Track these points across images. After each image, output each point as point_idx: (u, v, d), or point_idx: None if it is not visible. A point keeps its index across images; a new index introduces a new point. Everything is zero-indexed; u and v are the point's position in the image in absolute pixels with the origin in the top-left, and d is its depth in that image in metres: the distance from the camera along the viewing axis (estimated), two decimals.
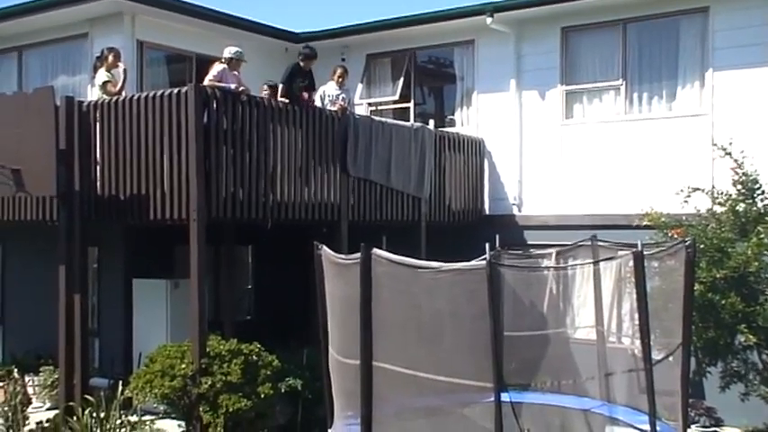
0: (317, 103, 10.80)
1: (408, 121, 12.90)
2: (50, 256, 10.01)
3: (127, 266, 11.39)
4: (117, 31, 11.90)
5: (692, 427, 10.45)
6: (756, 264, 8.75)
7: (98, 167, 9.41)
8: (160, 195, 8.80)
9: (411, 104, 13.89)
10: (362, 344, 7.28)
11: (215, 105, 8.84)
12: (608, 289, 9.33)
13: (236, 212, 8.98)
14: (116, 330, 11.39)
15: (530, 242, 11.95)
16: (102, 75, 10.34)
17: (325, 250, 8.28)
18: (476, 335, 7.04)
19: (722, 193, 9.39)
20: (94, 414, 8.67)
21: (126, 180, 9.11)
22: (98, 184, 9.38)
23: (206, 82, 9.34)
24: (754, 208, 9.19)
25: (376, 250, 7.29)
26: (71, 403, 9.09)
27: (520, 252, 10.05)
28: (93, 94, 10.90)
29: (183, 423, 8.64)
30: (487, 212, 12.90)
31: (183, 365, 8.27)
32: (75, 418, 8.70)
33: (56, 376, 10.48)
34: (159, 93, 9.05)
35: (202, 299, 8.53)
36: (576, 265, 9.08)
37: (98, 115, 9.45)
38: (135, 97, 9.26)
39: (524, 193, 12.72)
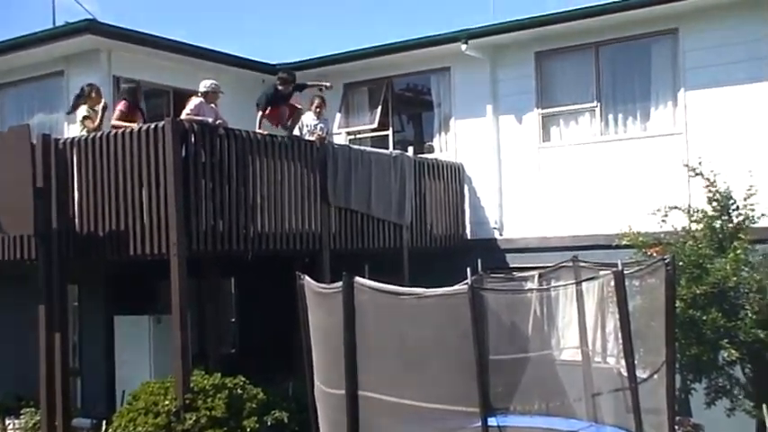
0: (296, 132, 10.84)
1: (387, 148, 12.96)
2: (29, 294, 9.91)
3: (108, 303, 11.30)
4: (93, 67, 11.90)
5: None
6: (735, 279, 8.81)
7: (76, 204, 9.36)
8: (140, 231, 8.76)
9: (389, 132, 13.97)
10: (347, 373, 7.24)
11: (193, 139, 8.84)
12: (591, 309, 9.35)
13: (216, 245, 8.95)
14: (98, 369, 11.26)
15: (512, 265, 11.99)
16: (82, 110, 10.31)
17: (307, 280, 8.26)
18: (461, 360, 7.03)
19: (698, 211, 9.47)
20: None
21: (105, 216, 9.06)
22: (76, 221, 9.32)
23: (183, 116, 9.35)
24: (730, 224, 9.28)
25: (358, 278, 7.28)
26: None
27: (502, 275, 10.07)
28: (71, 131, 10.87)
29: None
30: (469, 237, 12.93)
31: (167, 402, 8.19)
32: None
33: (37, 418, 10.29)
34: (136, 128, 9.04)
35: (185, 333, 8.46)
36: (558, 286, 9.10)
37: (75, 152, 9.41)
38: (112, 133, 9.24)
39: (505, 217, 12.78)
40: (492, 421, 7.00)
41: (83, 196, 9.28)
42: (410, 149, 12.45)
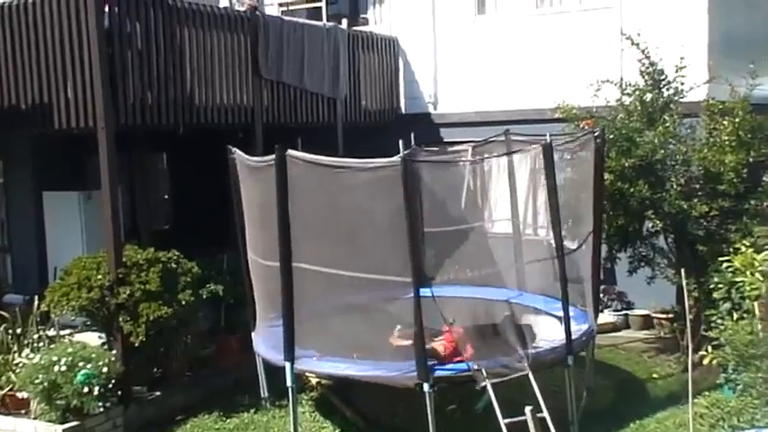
0: (225, 2, 10.46)
1: (321, 21, 12.62)
2: None
3: (35, 179, 11.01)
4: None
5: (605, 311, 10.93)
6: (662, 152, 9.00)
7: None
8: (64, 103, 8.45)
9: (323, 4, 13.51)
10: (281, 245, 7.29)
11: (116, 8, 8.45)
12: (523, 182, 9.50)
13: (145, 118, 8.72)
14: (28, 246, 11.10)
15: (446, 140, 12.01)
16: None
17: (239, 154, 8.17)
18: (395, 232, 7.12)
19: (630, 85, 9.54)
20: (10, 330, 8.52)
21: (27, 88, 8.68)
22: None
23: None
24: (661, 98, 9.39)
25: (291, 151, 7.23)
26: None
27: (436, 149, 10.11)
28: None
29: (103, 335, 8.55)
30: (404, 112, 12.85)
31: (100, 276, 8.12)
32: None
33: None
34: None
35: (116, 208, 8.33)
36: (490, 157, 9.18)
37: None
38: (30, 1, 8.74)
39: (440, 91, 12.69)
40: (426, 291, 7.18)
41: (1, 66, 8.86)
42: (344, 22, 12.14)
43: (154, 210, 12.30)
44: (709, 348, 6.98)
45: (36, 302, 8.58)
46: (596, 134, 8.07)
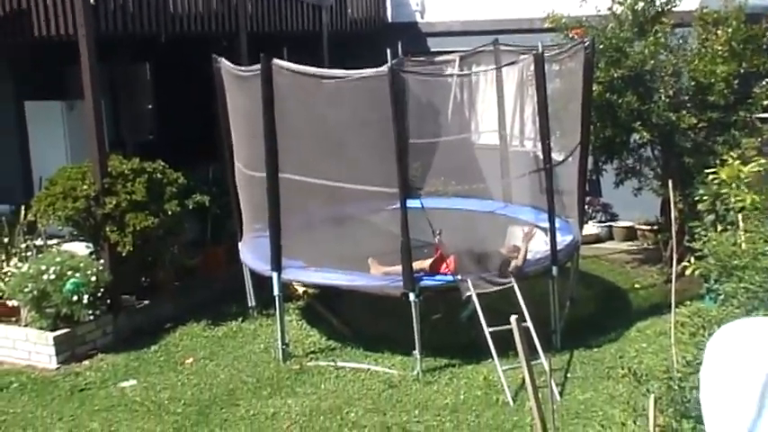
0: None
1: None
2: None
3: (17, 88, 10.81)
4: None
5: (590, 222, 11.02)
6: (652, 62, 8.90)
7: None
8: (43, 9, 8.23)
9: None
10: (267, 156, 7.26)
11: None
12: (511, 93, 9.42)
13: (127, 26, 8.52)
14: (12, 156, 10.98)
15: (433, 49, 11.82)
16: None
17: (224, 63, 8.04)
18: (381, 143, 7.09)
19: None
20: None
21: None
22: None
23: None
24: (653, 8, 9.24)
25: (277, 60, 7.12)
26: None
27: (423, 59, 9.96)
28: None
29: (90, 244, 8.56)
30: (390, 20, 12.61)
31: (86, 186, 8.07)
32: None
33: None
34: None
35: (99, 118, 8.22)
36: (478, 71, 9.07)
37: None
38: None
39: None
40: (411, 203, 7.19)
41: None
42: None
43: (138, 120, 12.13)
44: (692, 259, 7.05)
45: (23, 212, 8.55)
46: (586, 44, 7.95)
